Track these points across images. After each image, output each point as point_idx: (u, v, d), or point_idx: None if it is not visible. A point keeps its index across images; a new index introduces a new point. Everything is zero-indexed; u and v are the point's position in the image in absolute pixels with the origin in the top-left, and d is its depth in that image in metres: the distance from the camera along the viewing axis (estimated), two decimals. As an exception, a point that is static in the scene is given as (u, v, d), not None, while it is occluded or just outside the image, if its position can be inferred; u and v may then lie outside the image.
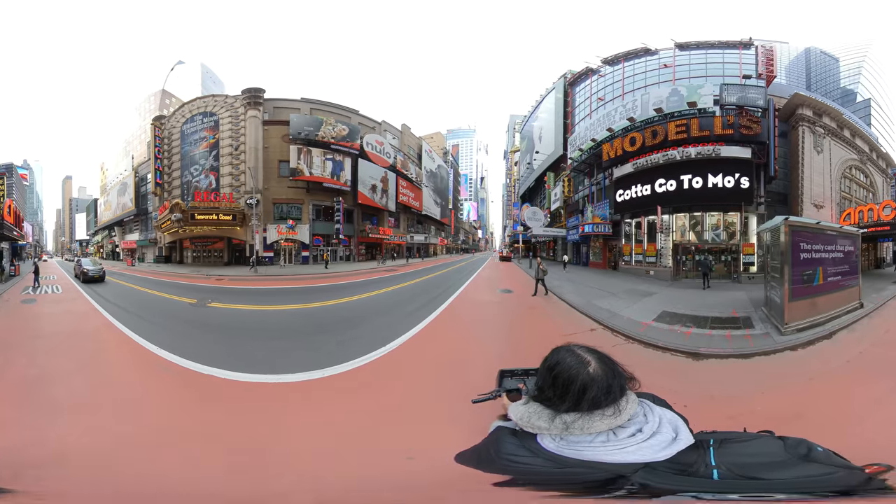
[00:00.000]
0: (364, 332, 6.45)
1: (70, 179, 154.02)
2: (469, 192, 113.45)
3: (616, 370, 1.07)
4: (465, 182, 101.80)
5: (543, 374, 1.12)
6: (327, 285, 14.44)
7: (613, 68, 23.36)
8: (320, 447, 2.72)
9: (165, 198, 34.30)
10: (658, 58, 21.59)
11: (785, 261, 6.26)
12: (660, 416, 1.09)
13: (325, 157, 32.48)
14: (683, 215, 18.24)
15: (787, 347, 5.40)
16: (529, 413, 1.11)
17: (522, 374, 1.55)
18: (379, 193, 37.75)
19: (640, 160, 19.16)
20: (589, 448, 1.00)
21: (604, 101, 23.25)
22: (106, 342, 5.95)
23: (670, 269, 17.31)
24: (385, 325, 6.95)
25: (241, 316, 8.55)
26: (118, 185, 51.07)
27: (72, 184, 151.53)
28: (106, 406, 3.44)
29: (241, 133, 30.00)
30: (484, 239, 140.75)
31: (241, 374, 4.13)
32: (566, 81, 29.10)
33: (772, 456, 1.02)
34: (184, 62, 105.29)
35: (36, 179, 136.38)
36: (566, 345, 1.14)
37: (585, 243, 26.54)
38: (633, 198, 19.73)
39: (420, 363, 5.10)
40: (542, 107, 36.56)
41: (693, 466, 0.99)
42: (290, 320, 8.11)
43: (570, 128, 28.06)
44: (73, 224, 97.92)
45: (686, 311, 8.14)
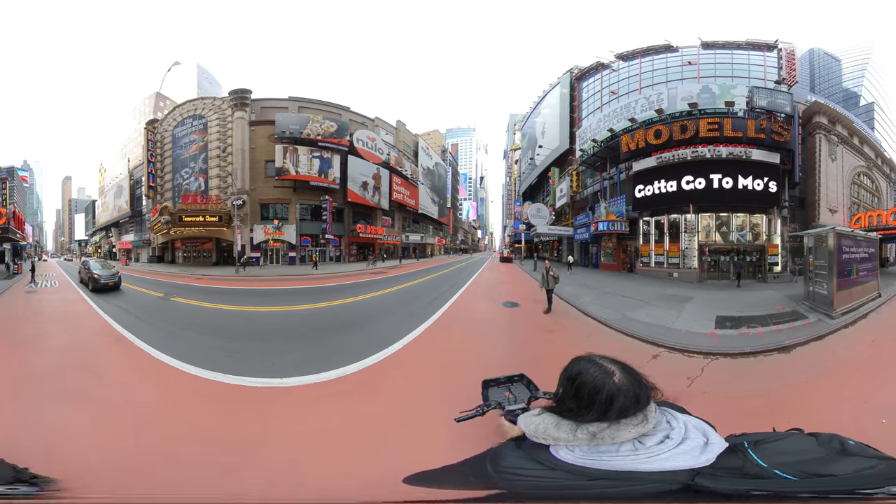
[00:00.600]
0: (311, 352, 5.60)
1: (70, 180, 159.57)
2: (468, 192, 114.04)
3: (641, 380, 1.09)
4: (464, 181, 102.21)
5: (564, 385, 1.13)
6: (301, 287, 14.25)
7: (629, 63, 23.35)
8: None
9: (158, 200, 35.72)
10: (681, 55, 21.98)
11: (833, 260, 8.02)
12: (684, 423, 1.11)
13: (311, 155, 32.16)
14: (709, 215, 18.27)
15: (842, 326, 7.10)
16: (546, 424, 1.11)
17: (506, 382, 1.49)
18: (371, 191, 36.92)
19: (664, 154, 18.56)
20: (617, 458, 1.00)
21: (617, 95, 23.08)
22: (84, 319, 8.63)
23: (696, 271, 17.31)
24: (333, 351, 5.61)
25: (195, 311, 9.64)
26: (114, 187, 52.84)
27: (71, 184, 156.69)
28: (77, 349, 6.25)
29: (228, 135, 31.00)
30: (484, 239, 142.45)
31: (155, 351, 5.59)
32: (573, 76, 28.59)
33: (810, 453, 1.03)
34: (180, 63, 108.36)
35: (36, 180, 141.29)
36: (586, 355, 1.16)
37: (596, 243, 25.01)
38: (656, 194, 18.95)
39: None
40: (546, 102, 36.11)
41: (747, 468, 0.99)
42: (236, 322, 8.29)
43: (576, 122, 27.74)
44: (73, 224, 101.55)
45: (737, 312, 8.33)
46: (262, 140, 30.93)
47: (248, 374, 4.52)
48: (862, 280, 8.98)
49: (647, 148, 19.17)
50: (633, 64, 22.99)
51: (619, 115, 21.63)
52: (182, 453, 2.78)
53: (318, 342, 6.30)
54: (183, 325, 7.62)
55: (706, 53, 21.49)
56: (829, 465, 0.98)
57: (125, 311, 9.06)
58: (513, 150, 77.24)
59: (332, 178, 32.90)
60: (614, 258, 23.25)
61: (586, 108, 26.48)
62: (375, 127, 39.86)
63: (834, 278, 7.91)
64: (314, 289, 13.89)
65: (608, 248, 24.04)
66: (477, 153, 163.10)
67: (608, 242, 23.89)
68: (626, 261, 21.97)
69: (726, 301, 10.54)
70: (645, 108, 20.33)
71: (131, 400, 3.97)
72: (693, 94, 19.51)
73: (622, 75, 23.42)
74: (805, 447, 1.06)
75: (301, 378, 4.38)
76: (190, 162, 33.94)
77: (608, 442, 1.02)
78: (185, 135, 34.70)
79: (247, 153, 30.26)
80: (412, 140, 50.09)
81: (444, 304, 9.93)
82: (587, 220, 25.32)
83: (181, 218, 29.78)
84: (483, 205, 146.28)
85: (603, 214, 22.09)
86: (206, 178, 32.24)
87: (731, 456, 1.03)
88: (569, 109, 29.38)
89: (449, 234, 75.98)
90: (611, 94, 23.38)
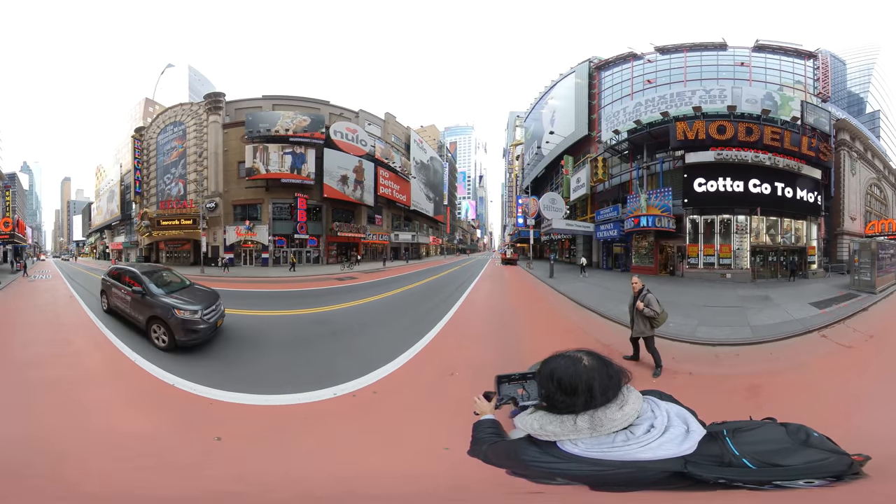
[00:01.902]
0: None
1: (69, 181, 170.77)
2: (467, 191, 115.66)
3: (606, 361, 1.28)
4: (462, 180, 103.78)
5: (546, 383, 1.30)
6: (238, 290, 14.32)
7: (670, 56, 24.46)
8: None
9: (144, 205, 39.16)
10: (732, 55, 23.65)
11: (874, 258, 12.67)
12: (666, 411, 1.28)
13: (283, 151, 32.10)
14: (760, 218, 20.08)
15: (882, 298, 11.29)
16: (542, 422, 1.28)
17: (520, 379, 1.62)
18: (351, 185, 35.63)
19: (725, 152, 19.43)
20: (616, 448, 1.18)
21: (654, 85, 23.95)
22: (63, 293, 14.08)
23: (748, 271, 18.84)
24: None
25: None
26: (107, 192, 57.68)
27: (70, 185, 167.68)
28: (57, 308, 10.73)
29: (204, 139, 33.47)
30: (483, 238, 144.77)
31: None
32: (591, 66, 28.56)
33: (778, 443, 1.22)
34: (174, 65, 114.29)
35: (35, 181, 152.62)
36: (554, 353, 1.35)
37: (624, 242, 23.42)
38: (719, 191, 19.43)
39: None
40: (555, 92, 35.50)
41: (724, 457, 1.18)
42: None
43: (595, 109, 27.69)
44: (71, 225, 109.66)
45: (814, 299, 11.24)
46: (235, 142, 32.69)
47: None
48: (888, 271, 13.61)
49: (707, 141, 19.63)
50: (677, 57, 24.33)
51: (654, 106, 22.20)
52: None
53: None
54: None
55: (757, 56, 23.61)
56: (786, 456, 1.16)
57: (86, 290, 14.19)
58: (514, 145, 77.69)
59: (307, 174, 32.50)
60: (650, 259, 21.66)
61: (609, 96, 26.62)
62: (360, 120, 38.91)
63: (875, 270, 12.50)
64: (260, 293, 13.34)
65: (642, 248, 22.35)
66: (476, 153, 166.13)
67: (642, 241, 22.31)
68: (665, 262, 21.02)
69: (798, 293, 13.03)
70: (705, 100, 21.09)
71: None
72: (758, 98, 21.01)
73: (660, 66, 24.51)
74: (775, 436, 1.24)
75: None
76: (171, 168, 36.85)
77: (606, 428, 1.19)
78: (168, 141, 37.69)
79: (220, 156, 32.57)
80: (403, 133, 48.84)
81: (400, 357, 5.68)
82: (614, 214, 23.69)
83: (159, 222, 33.16)
84: (482, 204, 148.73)
85: (644, 207, 20.25)
86: (185, 182, 34.99)
87: (711, 443, 1.22)
88: (587, 97, 28.62)
89: (446, 234, 75.59)
90: (646, 82, 24.23)
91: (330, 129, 34.28)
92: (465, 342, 7.07)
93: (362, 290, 14.35)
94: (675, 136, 20.33)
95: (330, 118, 35.25)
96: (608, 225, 24.36)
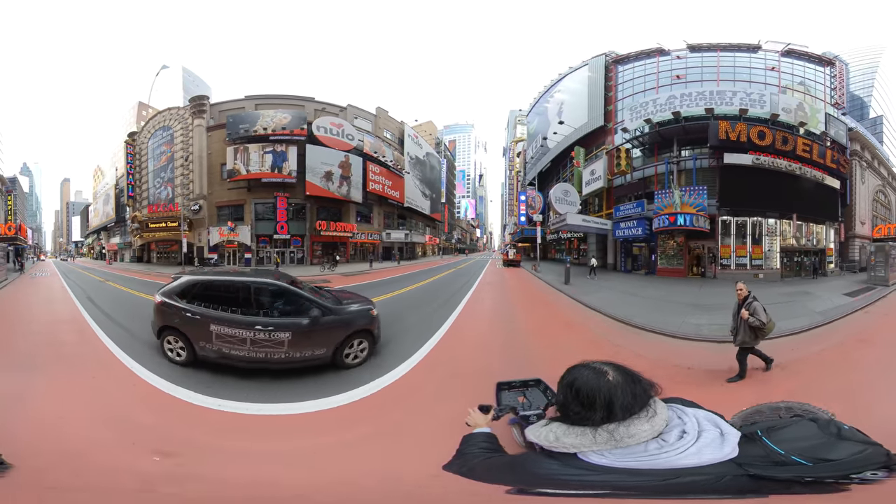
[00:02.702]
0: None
1: (68, 182, 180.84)
2: (466, 189, 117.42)
3: (635, 376, 1.30)
4: (462, 178, 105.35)
5: (565, 392, 1.33)
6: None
7: (702, 55, 25.33)
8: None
9: (136, 208, 42.33)
10: (764, 59, 25.06)
11: (887, 258, 15.70)
12: (694, 416, 1.30)
13: (263, 151, 32.95)
14: (788, 221, 22.22)
15: (893, 290, 13.92)
16: (557, 434, 1.29)
17: (521, 386, 1.70)
18: (337, 181, 35.30)
19: (763, 157, 20.85)
20: (652, 457, 1.18)
21: (683, 80, 24.57)
22: (57, 285, 17.91)
23: (778, 271, 20.87)
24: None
25: (106, 289, 16.29)
26: (103, 195, 61.83)
27: (69, 186, 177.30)
28: (51, 289, 16.51)
29: (190, 143, 35.78)
30: (483, 238, 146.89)
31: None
32: (608, 59, 29.07)
33: (814, 438, 1.27)
34: (168, 66, 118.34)
35: (35, 182, 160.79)
36: (581, 362, 1.36)
37: (648, 241, 22.90)
38: (754, 194, 20.77)
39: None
40: (563, 84, 35.37)
41: (771, 456, 1.21)
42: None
43: (612, 101, 28.02)
44: (70, 226, 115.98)
45: (845, 291, 14.14)
46: (219, 144, 34.33)
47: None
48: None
49: (746, 145, 20.66)
50: (709, 56, 25.23)
51: (700, 100, 22.66)
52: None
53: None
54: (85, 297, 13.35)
55: (785, 61, 25.26)
56: (829, 450, 1.22)
57: (74, 282, 18.58)
58: (515, 141, 78.86)
59: (288, 172, 33.06)
60: (679, 261, 21.46)
61: (630, 89, 27.08)
62: (346, 114, 38.98)
63: (888, 268, 15.62)
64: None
65: (670, 249, 22.09)
66: (476, 152, 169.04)
67: (669, 241, 22.03)
68: (694, 263, 21.26)
69: (829, 287, 15.66)
70: (745, 102, 22.05)
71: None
72: (792, 108, 22.72)
73: (690, 63, 25.30)
74: (809, 433, 1.30)
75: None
76: (161, 172, 39.67)
77: (627, 441, 1.19)
78: (158, 146, 40.61)
79: (204, 159, 34.81)
80: (397, 127, 48.21)
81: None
82: (638, 210, 22.79)
83: (147, 225, 36.15)
84: (482, 203, 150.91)
85: (678, 205, 19.79)
86: (173, 186, 37.64)
87: (751, 445, 1.26)
88: (603, 89, 28.76)
89: (444, 233, 75.92)
90: (675, 77, 24.91)
91: (313, 124, 34.49)
92: (474, 363, 5.29)
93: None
94: (716, 134, 20.68)
95: (315, 114, 35.64)
96: (630, 223, 23.11)
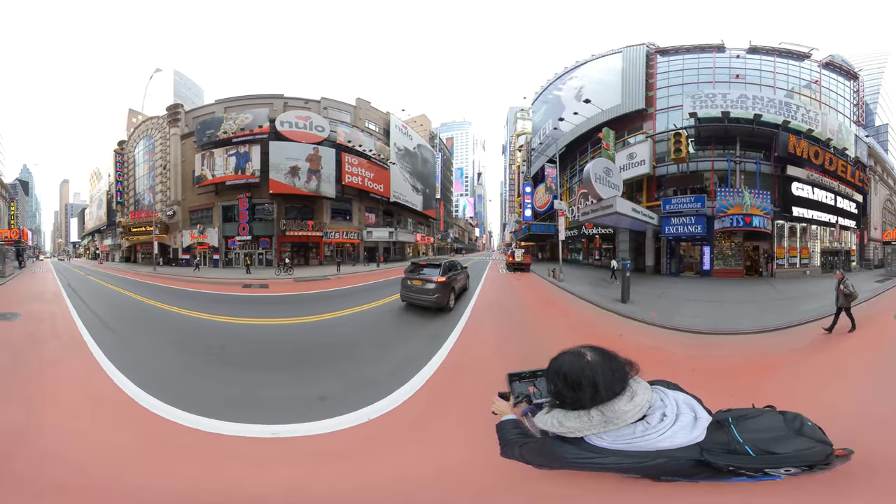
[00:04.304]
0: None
1: (67, 183, 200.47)
2: (465, 188, 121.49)
3: (610, 354, 1.56)
4: (460, 176, 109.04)
5: (553, 380, 1.59)
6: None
7: (760, 57, 27.88)
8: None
9: (123, 214, 50.35)
10: (810, 69, 28.44)
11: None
12: (675, 399, 1.57)
13: (227, 154, 36.03)
14: (825, 228, 28.24)
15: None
16: (559, 420, 1.56)
17: (530, 376, 1.94)
18: (304, 176, 36.02)
19: (815, 175, 25.16)
20: (638, 439, 1.45)
21: (743, 81, 26.94)
22: (50, 277, 25.35)
23: (819, 268, 25.81)
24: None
25: (84, 280, 22.28)
26: (97, 200, 72.08)
27: (68, 187, 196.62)
28: (45, 280, 23.73)
29: (168, 151, 42.21)
30: (482, 238, 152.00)
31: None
32: (649, 49, 30.64)
33: (776, 431, 1.53)
34: (161, 69, 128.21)
35: (34, 182, 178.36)
36: (561, 351, 1.63)
37: (704, 241, 23.78)
38: (812, 202, 25.27)
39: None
40: (581, 71, 35.65)
41: (730, 444, 1.46)
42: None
43: (653, 87, 29.46)
44: (69, 227, 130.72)
45: (874, 279, 18.48)
46: (191, 151, 38.92)
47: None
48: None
49: (803, 160, 24.43)
50: (767, 60, 27.83)
51: (771, 107, 25.35)
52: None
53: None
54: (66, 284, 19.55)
55: (826, 74, 28.92)
56: (780, 444, 1.44)
57: (62, 274, 28.17)
58: (517, 135, 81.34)
59: (251, 172, 35.61)
60: (738, 261, 23.11)
61: (678, 79, 28.91)
62: (320, 107, 40.09)
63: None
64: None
65: (728, 250, 23.68)
66: (474, 151, 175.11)
67: (726, 242, 23.65)
68: (751, 265, 23.83)
69: (860, 278, 19.35)
70: (806, 120, 25.44)
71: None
72: (834, 129, 27.21)
73: (750, 64, 27.82)
74: (773, 424, 1.54)
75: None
76: (145, 179, 47.18)
77: (618, 421, 1.47)
78: (143, 154, 48.12)
79: (179, 167, 40.86)
80: (381, 118, 48.28)
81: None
82: (696, 206, 22.91)
83: (130, 229, 43.81)
84: (481, 202, 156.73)
85: (748, 206, 22.00)
86: (154, 192, 44.71)
87: (719, 431, 1.51)
88: (644, 76, 29.93)
89: (439, 231, 77.63)
90: (733, 76, 27.54)
91: (276, 120, 36.34)
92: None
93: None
94: (786, 146, 23.78)
95: (284, 110, 37.61)
96: (686, 219, 23.16)
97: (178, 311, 11.25)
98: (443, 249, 79.70)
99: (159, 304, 12.58)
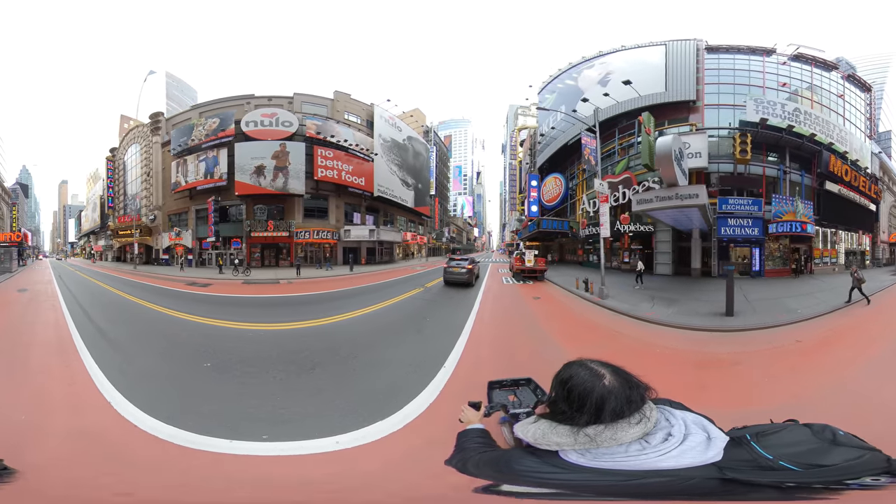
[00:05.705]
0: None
1: (66, 184, 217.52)
2: (464, 187, 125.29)
3: (632, 381, 1.50)
4: (459, 175, 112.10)
5: (556, 389, 1.55)
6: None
7: (801, 66, 31.13)
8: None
9: (113, 218, 58.47)
10: (837, 82, 32.47)
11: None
12: (682, 419, 1.52)
13: (198, 160, 39.62)
14: (849, 233, 34.60)
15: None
16: (543, 430, 1.53)
17: (512, 385, 2.01)
18: (270, 174, 37.22)
19: (844, 191, 30.77)
20: (630, 458, 1.40)
21: (788, 90, 30.02)
22: (45, 270, 39.40)
23: (842, 265, 31.80)
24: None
25: (73, 275, 28.82)
26: (92, 203, 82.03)
27: (67, 188, 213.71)
28: (42, 273, 35.18)
29: (150, 159, 49.10)
30: (481, 238, 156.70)
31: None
32: (699, 46, 31.66)
33: (807, 444, 1.46)
34: (155, 72, 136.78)
35: (34, 183, 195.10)
36: (578, 359, 1.57)
37: (756, 244, 26.88)
38: (841, 212, 31.39)
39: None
40: (608, 59, 37.01)
41: (758, 461, 1.40)
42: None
43: (701, 81, 31.03)
44: (67, 228, 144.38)
45: (888, 273, 25.23)
46: (170, 158, 43.82)
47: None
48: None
49: (835, 177, 29.47)
50: (806, 70, 31.18)
51: (824, 127, 29.49)
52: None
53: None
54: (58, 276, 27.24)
55: (849, 88, 33.21)
56: (822, 456, 1.40)
57: (55, 269, 39.95)
58: (519, 129, 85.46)
59: (219, 176, 38.56)
60: (785, 262, 27.97)
61: (729, 77, 30.63)
62: (292, 104, 41.32)
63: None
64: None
65: (776, 252, 28.02)
66: (473, 151, 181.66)
67: (774, 244, 27.91)
68: (795, 265, 28.32)
69: (875, 274, 24.45)
70: (841, 139, 30.41)
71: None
72: (857, 148, 31.88)
73: (794, 73, 30.99)
74: (801, 437, 1.49)
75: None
76: (136, 185, 54.56)
77: (609, 444, 1.41)
78: (131, 160, 55.77)
79: (159, 174, 47.48)
80: (364, 109, 47.69)
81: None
82: (754, 208, 26.02)
83: (118, 232, 51.83)
84: (480, 202, 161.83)
85: (800, 212, 26.54)
86: (140, 198, 52.06)
87: (738, 449, 1.44)
88: (695, 70, 31.31)
89: (434, 230, 78.00)
90: (780, 84, 30.19)
91: (242, 121, 38.60)
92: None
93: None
94: (827, 164, 28.77)
95: (255, 108, 39.59)
96: (743, 220, 25.95)
97: (109, 289, 20.58)
98: (437, 250, 77.44)
99: (104, 286, 22.74)
